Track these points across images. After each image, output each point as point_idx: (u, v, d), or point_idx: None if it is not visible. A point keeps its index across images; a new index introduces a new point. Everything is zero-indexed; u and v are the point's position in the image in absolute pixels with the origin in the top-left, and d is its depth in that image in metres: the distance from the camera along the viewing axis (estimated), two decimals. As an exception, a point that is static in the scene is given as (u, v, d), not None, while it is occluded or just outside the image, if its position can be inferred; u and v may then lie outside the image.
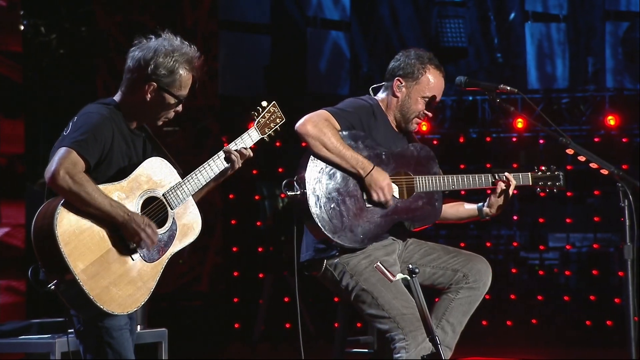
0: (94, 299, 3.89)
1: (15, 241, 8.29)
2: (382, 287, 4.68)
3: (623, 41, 11.66)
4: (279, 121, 4.43)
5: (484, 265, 4.90)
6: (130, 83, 4.15)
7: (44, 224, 3.89)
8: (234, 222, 11.06)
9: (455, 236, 11.24)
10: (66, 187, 3.89)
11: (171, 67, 4.10)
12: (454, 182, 4.86)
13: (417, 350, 4.59)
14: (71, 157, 3.93)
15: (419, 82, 4.88)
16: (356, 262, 4.74)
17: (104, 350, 4.04)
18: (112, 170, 4.06)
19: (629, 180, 4.14)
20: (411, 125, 4.92)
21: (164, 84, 4.11)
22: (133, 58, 4.13)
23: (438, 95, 4.93)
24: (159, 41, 4.14)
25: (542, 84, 12.09)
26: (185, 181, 4.19)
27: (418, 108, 4.89)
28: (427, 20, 12.72)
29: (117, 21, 10.52)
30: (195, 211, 4.22)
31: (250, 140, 4.34)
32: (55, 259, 3.86)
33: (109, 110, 4.12)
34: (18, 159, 8.44)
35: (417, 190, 4.81)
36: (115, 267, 3.97)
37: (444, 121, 11.41)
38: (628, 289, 4.15)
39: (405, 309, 4.63)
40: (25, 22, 9.39)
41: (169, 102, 4.16)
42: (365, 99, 4.94)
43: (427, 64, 4.89)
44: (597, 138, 10.72)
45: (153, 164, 4.14)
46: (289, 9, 12.21)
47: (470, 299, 4.85)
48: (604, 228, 11.04)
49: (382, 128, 4.87)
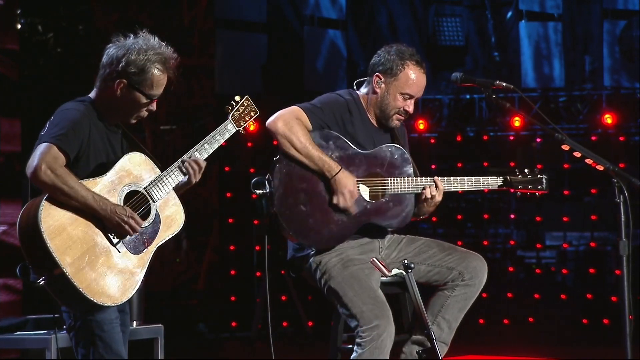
0: (84, 292, 3.91)
1: (12, 239, 8.29)
2: (345, 284, 4.66)
3: (620, 40, 11.67)
4: (253, 114, 4.48)
5: (480, 263, 4.88)
6: (102, 79, 4.18)
7: (29, 221, 3.92)
8: (231, 221, 11.05)
9: (453, 235, 11.25)
10: (48, 181, 3.91)
11: (142, 65, 4.11)
12: (422, 185, 4.79)
13: (369, 347, 4.56)
14: (52, 151, 3.96)
15: (397, 78, 4.81)
16: (327, 260, 4.74)
17: (95, 343, 4.06)
18: (90, 165, 4.08)
19: (624, 176, 4.14)
20: (391, 121, 4.88)
21: (134, 81, 4.12)
22: (107, 54, 4.16)
23: (418, 92, 4.86)
24: (135, 39, 4.16)
25: (539, 82, 12.09)
26: (166, 174, 4.21)
27: (397, 105, 4.83)
28: (424, 19, 12.74)
29: (114, 20, 10.52)
30: (177, 202, 4.25)
31: (227, 132, 4.38)
32: (43, 255, 3.88)
33: (85, 106, 4.14)
34: (15, 157, 8.44)
35: (389, 192, 4.77)
36: (103, 259, 4.00)
37: (441, 120, 11.43)
38: (624, 285, 4.14)
39: (364, 306, 4.60)
40: (22, 20, 9.39)
41: (139, 101, 4.16)
42: (341, 94, 4.90)
43: (406, 60, 4.82)
44: (594, 137, 10.73)
45: (133, 159, 4.16)
46: (286, 8, 12.21)
47: (466, 295, 4.85)
48: (600, 227, 11.05)
49: (359, 124, 4.84)
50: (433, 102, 11.50)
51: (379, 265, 4.22)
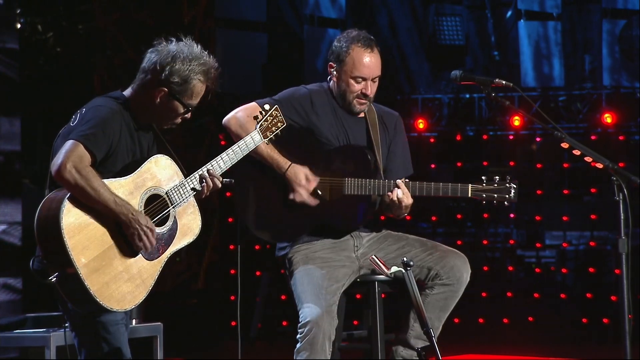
0: (94, 294, 3.87)
1: (12, 239, 8.28)
2: (298, 280, 4.70)
3: (620, 39, 11.67)
4: (280, 125, 4.40)
5: (459, 262, 4.80)
6: (142, 83, 4.11)
7: (49, 215, 3.87)
8: (231, 220, 11.05)
9: (452, 234, 11.25)
10: (72, 180, 3.86)
11: (186, 76, 4.05)
12: (383, 187, 4.71)
13: (303, 343, 4.59)
14: (78, 150, 3.90)
15: (345, 63, 4.77)
16: (293, 255, 4.78)
17: (99, 344, 4.03)
18: (117, 165, 4.03)
19: (623, 174, 4.14)
20: (354, 107, 4.83)
21: (176, 91, 4.07)
22: (150, 59, 4.09)
23: (370, 73, 4.77)
24: (179, 46, 4.09)
25: (539, 82, 12.10)
26: (188, 180, 4.16)
27: (352, 90, 4.78)
28: (424, 18, 12.74)
29: (115, 19, 10.52)
30: (195, 211, 4.19)
31: (253, 142, 4.32)
32: (59, 252, 3.84)
33: (118, 104, 4.09)
34: (15, 156, 8.43)
35: (345, 192, 4.72)
36: (117, 263, 3.96)
37: (441, 119, 11.43)
38: (623, 283, 4.14)
39: (305, 302, 4.62)
40: (22, 20, 9.40)
41: (177, 110, 4.13)
42: (307, 86, 4.90)
43: (350, 44, 4.77)
44: (594, 136, 10.72)
45: (158, 162, 4.11)
46: (286, 7, 12.22)
47: (446, 294, 4.76)
48: (600, 226, 11.05)
49: (323, 115, 4.81)
50: (433, 102, 11.50)
51: (378, 263, 4.21)
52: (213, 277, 11.19)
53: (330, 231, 4.80)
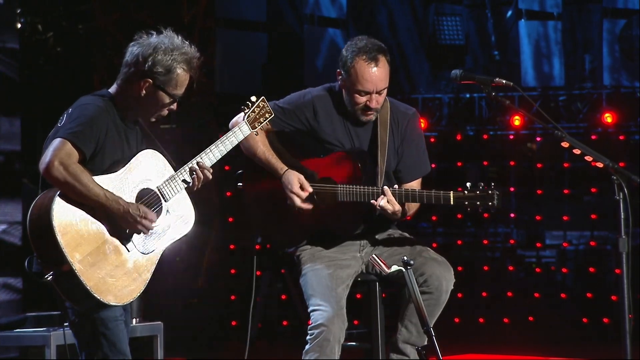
0: (91, 290, 3.89)
1: (12, 238, 8.28)
2: (306, 280, 4.72)
3: (620, 39, 11.67)
4: (267, 116, 4.43)
5: (441, 270, 4.77)
6: (126, 77, 4.14)
7: (41, 214, 3.89)
8: (232, 220, 11.05)
9: (452, 234, 11.25)
10: (61, 178, 3.89)
11: (169, 65, 4.09)
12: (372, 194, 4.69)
13: (312, 345, 4.60)
14: (66, 148, 3.93)
15: (349, 75, 4.71)
16: (301, 254, 4.81)
17: (98, 341, 4.04)
18: (106, 162, 4.05)
19: (623, 173, 4.14)
20: (360, 117, 4.78)
21: (160, 81, 4.10)
22: (132, 53, 4.12)
23: (373, 87, 4.68)
24: (160, 38, 4.13)
25: (539, 81, 12.10)
26: (179, 173, 4.20)
27: (357, 102, 4.73)
28: (424, 18, 12.74)
29: (115, 19, 10.52)
30: (188, 203, 4.23)
31: (242, 134, 4.35)
32: (52, 250, 3.86)
33: (104, 102, 4.12)
34: (15, 156, 8.43)
35: (339, 200, 4.72)
36: (112, 258, 3.98)
37: (441, 119, 11.44)
38: (623, 283, 4.14)
39: (316, 305, 4.64)
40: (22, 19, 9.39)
41: (163, 100, 4.16)
42: (313, 91, 4.87)
43: (355, 56, 4.68)
44: (594, 136, 10.72)
45: (147, 156, 4.15)
46: (286, 7, 12.21)
47: (429, 302, 4.71)
48: (600, 226, 11.05)
49: (326, 121, 4.80)
50: (433, 101, 11.51)
51: (379, 262, 4.21)
52: (213, 277, 11.18)
53: (330, 237, 4.81)
